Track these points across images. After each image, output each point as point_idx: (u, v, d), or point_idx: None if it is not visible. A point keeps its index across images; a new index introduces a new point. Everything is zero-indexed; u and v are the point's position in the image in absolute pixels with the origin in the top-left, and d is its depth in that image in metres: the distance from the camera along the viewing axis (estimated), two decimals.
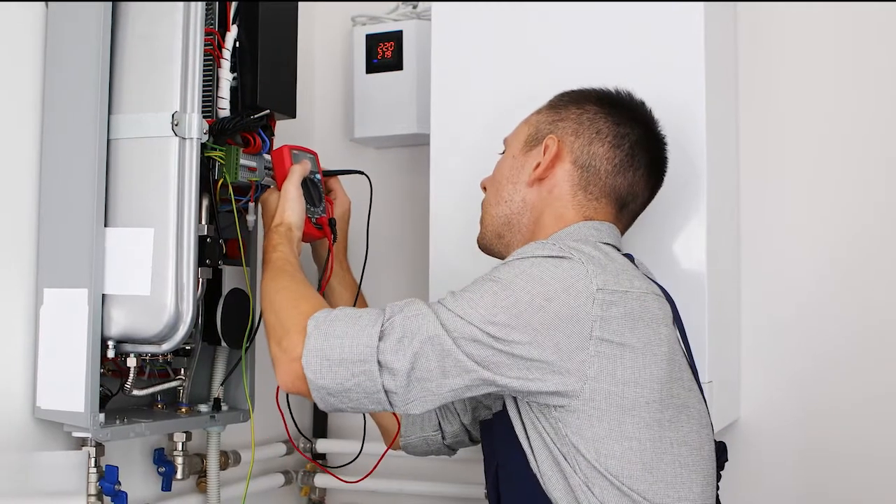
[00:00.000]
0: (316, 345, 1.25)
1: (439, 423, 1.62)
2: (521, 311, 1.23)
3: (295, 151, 1.59)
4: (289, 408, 1.66)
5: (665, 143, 1.49)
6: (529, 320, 1.23)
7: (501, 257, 1.48)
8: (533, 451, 1.29)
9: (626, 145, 1.43)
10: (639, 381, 1.25)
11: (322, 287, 1.64)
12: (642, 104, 1.48)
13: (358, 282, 1.70)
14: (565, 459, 1.26)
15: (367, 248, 1.71)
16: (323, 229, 1.60)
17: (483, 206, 1.52)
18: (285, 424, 1.64)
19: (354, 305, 1.66)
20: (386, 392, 1.24)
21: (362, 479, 1.82)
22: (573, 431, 1.25)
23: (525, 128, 1.50)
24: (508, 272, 1.27)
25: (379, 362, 1.23)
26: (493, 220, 1.48)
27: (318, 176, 1.63)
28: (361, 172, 1.72)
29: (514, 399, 1.32)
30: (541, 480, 1.28)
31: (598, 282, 1.24)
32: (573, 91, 1.50)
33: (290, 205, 1.52)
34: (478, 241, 1.52)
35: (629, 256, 1.40)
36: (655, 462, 1.26)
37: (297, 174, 1.55)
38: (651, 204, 1.52)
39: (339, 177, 1.71)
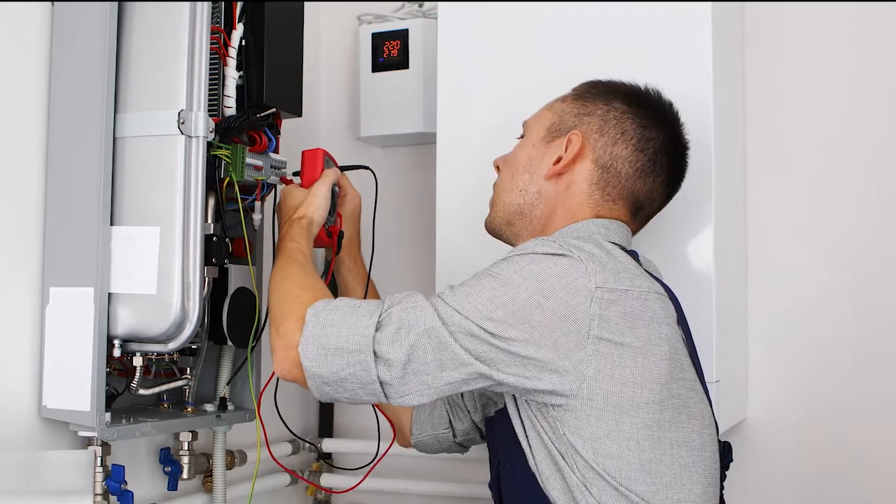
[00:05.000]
0: (313, 332, 1.25)
1: (450, 421, 1.62)
2: (519, 307, 1.22)
3: (327, 158, 1.62)
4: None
5: (688, 149, 1.48)
6: (527, 317, 1.22)
7: (508, 243, 1.48)
8: (531, 450, 1.29)
9: (650, 150, 1.41)
10: (637, 381, 1.24)
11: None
12: (670, 105, 1.46)
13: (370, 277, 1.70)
14: (563, 459, 1.25)
15: (374, 244, 1.71)
16: (332, 238, 1.63)
17: (495, 188, 1.50)
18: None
19: (365, 298, 1.66)
20: (381, 383, 1.24)
21: (363, 477, 1.82)
22: (571, 431, 1.24)
23: (548, 115, 1.47)
24: (507, 268, 1.26)
25: (374, 353, 1.23)
26: (505, 206, 1.47)
27: (337, 189, 1.65)
28: (367, 167, 1.73)
29: (514, 397, 1.32)
30: (539, 479, 1.28)
31: (597, 280, 1.23)
32: (602, 83, 1.47)
33: (317, 202, 1.54)
34: (486, 223, 1.51)
35: (633, 253, 1.39)
36: (654, 463, 1.25)
37: (330, 178, 1.58)
38: None
39: (346, 173, 1.71)
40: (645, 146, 1.41)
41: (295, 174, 1.63)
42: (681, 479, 1.26)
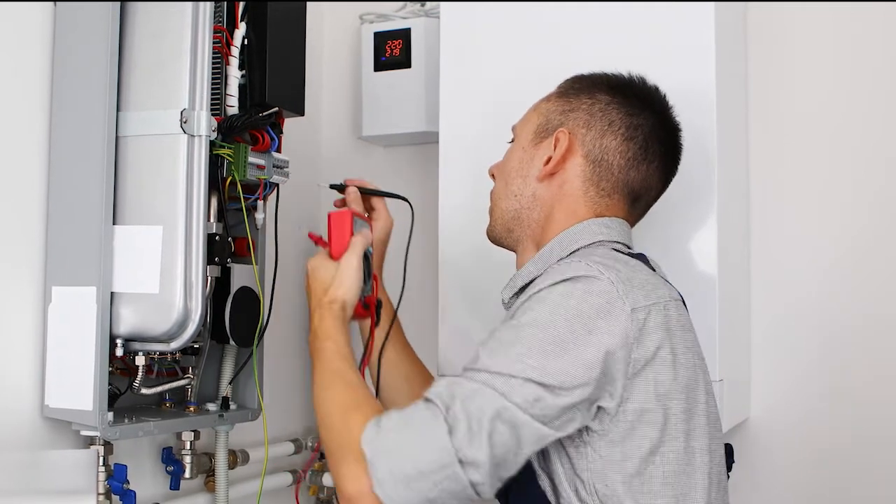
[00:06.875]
0: (384, 469, 1.15)
1: None
2: (569, 350, 1.17)
3: (357, 218, 1.49)
4: None
5: (679, 130, 1.45)
6: (579, 358, 1.18)
7: (511, 249, 1.46)
8: (546, 473, 1.27)
9: (639, 137, 1.39)
10: (670, 394, 1.22)
11: (363, 366, 1.55)
12: (656, 90, 1.43)
13: (394, 305, 1.64)
14: (583, 486, 1.23)
15: (405, 278, 1.63)
16: (369, 309, 1.49)
17: (492, 197, 1.48)
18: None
19: (388, 332, 1.60)
20: (473, 485, 1.15)
21: None
22: (593, 450, 1.22)
23: (534, 116, 1.45)
24: (542, 311, 1.20)
25: (460, 461, 1.13)
26: (503, 213, 1.45)
27: (371, 248, 1.52)
28: (405, 199, 1.67)
29: None
30: (548, 495, 1.26)
31: (630, 301, 1.21)
32: (584, 77, 1.46)
33: (349, 282, 1.41)
34: (487, 232, 1.49)
35: (642, 256, 1.38)
36: (678, 475, 1.23)
37: (360, 247, 1.44)
38: (662, 203, 1.51)
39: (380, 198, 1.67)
40: (634, 134, 1.39)
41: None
42: (695, 488, 1.25)
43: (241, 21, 1.57)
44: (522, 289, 1.40)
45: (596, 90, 1.42)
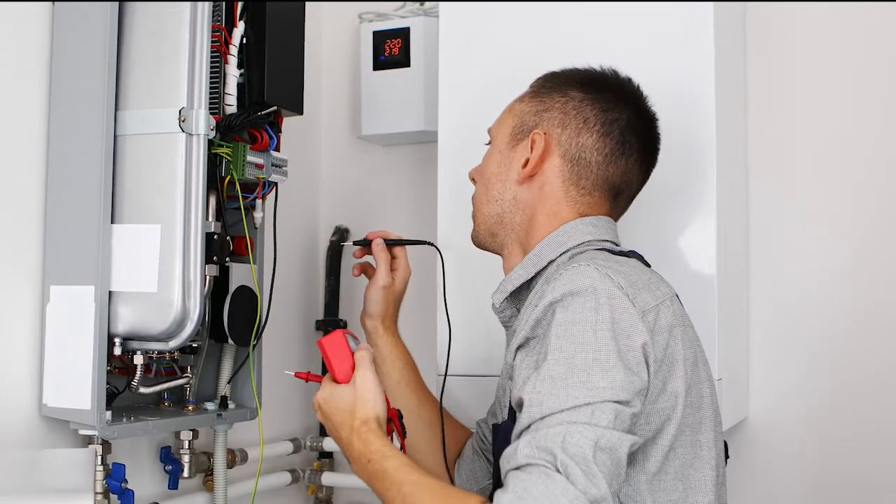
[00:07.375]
0: None
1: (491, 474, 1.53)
2: (625, 359, 1.17)
3: (349, 336, 1.40)
4: None
5: (656, 120, 1.44)
6: (633, 363, 1.18)
7: (496, 253, 1.46)
8: None
9: (615, 132, 1.38)
10: (680, 390, 1.22)
11: None
12: (629, 81, 1.42)
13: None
14: None
15: (450, 330, 1.59)
16: (392, 423, 1.39)
17: (473, 202, 1.48)
18: None
19: (441, 410, 1.56)
20: None
21: None
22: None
23: (509, 118, 1.45)
24: (584, 332, 1.18)
25: (591, 502, 1.09)
26: (486, 218, 1.44)
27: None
28: (431, 244, 1.66)
29: None
30: None
31: (640, 304, 1.21)
32: (556, 74, 1.45)
33: (371, 395, 1.32)
34: (472, 237, 1.48)
35: (634, 253, 1.38)
36: (686, 468, 1.24)
37: (368, 360, 1.35)
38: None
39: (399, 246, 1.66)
40: (609, 129, 1.38)
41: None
42: (703, 481, 1.25)
43: (240, 20, 1.57)
44: (514, 294, 1.40)
45: (568, 87, 1.41)
